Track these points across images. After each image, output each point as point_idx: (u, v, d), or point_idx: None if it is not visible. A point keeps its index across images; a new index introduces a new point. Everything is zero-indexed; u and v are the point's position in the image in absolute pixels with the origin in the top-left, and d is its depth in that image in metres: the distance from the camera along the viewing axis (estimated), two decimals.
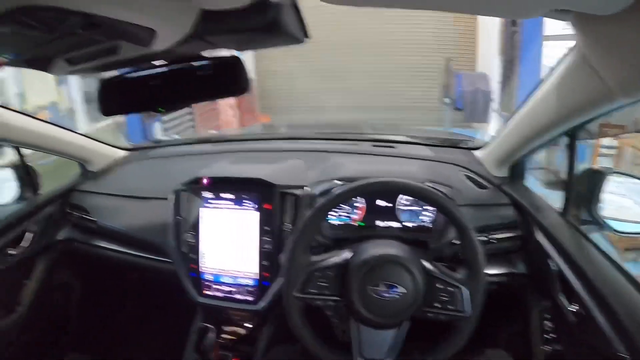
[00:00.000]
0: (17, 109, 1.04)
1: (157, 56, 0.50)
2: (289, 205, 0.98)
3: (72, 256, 1.22)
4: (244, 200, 0.98)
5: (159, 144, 1.47)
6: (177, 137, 4.02)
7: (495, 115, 5.95)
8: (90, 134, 1.28)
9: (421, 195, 0.76)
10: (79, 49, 0.44)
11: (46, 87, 3.91)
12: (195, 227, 1.00)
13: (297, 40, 0.52)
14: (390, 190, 0.91)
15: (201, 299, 1.01)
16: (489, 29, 5.37)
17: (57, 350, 1.27)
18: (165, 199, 1.04)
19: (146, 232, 1.07)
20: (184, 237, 1.01)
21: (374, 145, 1.17)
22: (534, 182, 2.46)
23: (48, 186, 1.23)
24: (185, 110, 4.76)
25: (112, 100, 0.62)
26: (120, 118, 5.46)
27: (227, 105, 5.43)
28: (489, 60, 6.61)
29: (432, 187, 0.79)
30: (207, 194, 1.01)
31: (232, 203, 0.99)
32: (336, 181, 0.95)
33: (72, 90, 4.44)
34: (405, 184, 0.75)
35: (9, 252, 1.05)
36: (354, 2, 0.41)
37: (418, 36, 5.33)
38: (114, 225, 1.11)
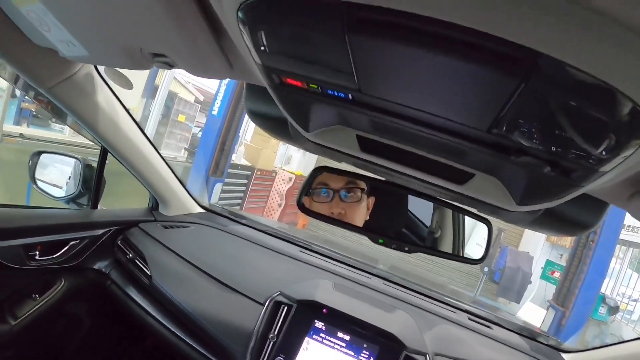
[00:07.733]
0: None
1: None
2: None
3: (96, 291, 1.05)
4: (362, 350, 0.83)
5: (235, 217, 1.37)
6: (226, 202, 4.24)
7: (530, 301, 5.61)
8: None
9: None
10: None
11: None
12: (289, 353, 0.83)
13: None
14: None
15: None
16: None
17: None
18: (250, 298, 0.91)
19: (211, 324, 0.88)
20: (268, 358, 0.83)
21: (470, 319, 1.08)
22: None
23: None
24: (242, 183, 5.06)
25: None
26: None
27: (276, 192, 5.72)
28: (534, 240, 6.56)
29: None
30: (320, 324, 0.85)
31: (345, 346, 0.84)
32: None
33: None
34: None
35: (39, 256, 0.90)
36: None
37: None
38: (173, 295, 0.93)
